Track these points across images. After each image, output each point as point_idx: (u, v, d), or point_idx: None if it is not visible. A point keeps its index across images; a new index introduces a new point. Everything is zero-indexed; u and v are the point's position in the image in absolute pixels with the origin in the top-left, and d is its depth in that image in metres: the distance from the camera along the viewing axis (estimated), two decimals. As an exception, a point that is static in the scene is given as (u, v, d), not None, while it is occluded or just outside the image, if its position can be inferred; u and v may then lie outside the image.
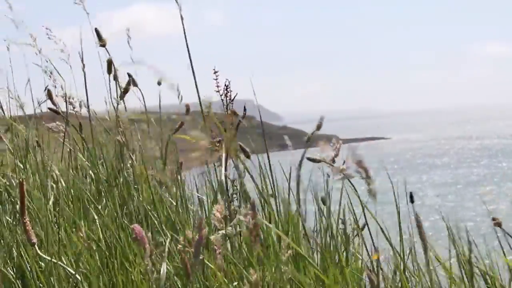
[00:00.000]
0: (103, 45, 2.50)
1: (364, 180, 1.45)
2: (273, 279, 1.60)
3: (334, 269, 1.67)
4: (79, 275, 1.96)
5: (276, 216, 1.92)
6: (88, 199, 2.37)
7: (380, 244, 1.74)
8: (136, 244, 1.75)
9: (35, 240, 1.79)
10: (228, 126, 2.08)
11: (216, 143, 2.03)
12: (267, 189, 1.97)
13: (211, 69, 2.13)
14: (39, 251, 1.90)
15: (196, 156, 1.51)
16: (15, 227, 2.30)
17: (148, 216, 2.21)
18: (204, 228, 1.52)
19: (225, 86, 2.15)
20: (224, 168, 2.02)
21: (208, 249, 1.73)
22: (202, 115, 2.07)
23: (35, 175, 2.63)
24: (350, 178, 1.62)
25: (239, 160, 1.97)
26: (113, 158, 2.54)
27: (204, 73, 2.19)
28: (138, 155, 2.46)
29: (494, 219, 1.81)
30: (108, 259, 2.07)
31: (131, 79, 2.53)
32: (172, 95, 2.42)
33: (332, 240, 1.95)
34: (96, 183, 2.54)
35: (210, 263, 1.70)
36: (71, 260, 2.06)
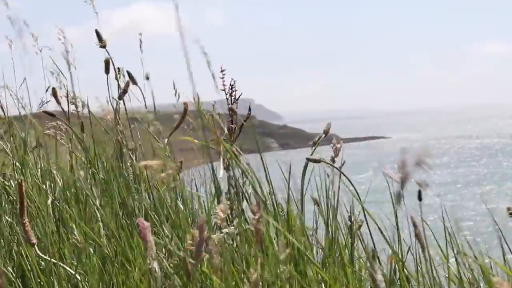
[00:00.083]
0: (103, 46, 2.50)
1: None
2: (271, 278, 1.59)
3: (334, 266, 1.67)
4: (79, 275, 1.96)
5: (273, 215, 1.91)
6: (87, 199, 2.37)
7: (380, 244, 1.74)
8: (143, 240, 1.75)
9: (34, 240, 1.79)
10: (229, 126, 2.08)
11: (216, 143, 2.03)
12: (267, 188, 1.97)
13: (210, 68, 2.12)
14: (39, 251, 1.90)
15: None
16: (15, 226, 2.30)
17: (149, 215, 2.21)
18: (205, 229, 1.52)
19: (230, 86, 2.15)
20: (224, 168, 2.02)
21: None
22: (199, 115, 2.07)
23: (34, 176, 2.62)
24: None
25: (237, 160, 1.96)
26: (112, 157, 2.53)
27: (204, 73, 2.19)
28: (138, 155, 2.46)
29: (509, 208, 1.80)
30: (108, 259, 2.07)
31: (131, 78, 2.52)
32: (172, 95, 2.42)
33: (333, 239, 1.94)
34: (96, 183, 2.54)
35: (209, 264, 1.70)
36: (71, 260, 2.06)
